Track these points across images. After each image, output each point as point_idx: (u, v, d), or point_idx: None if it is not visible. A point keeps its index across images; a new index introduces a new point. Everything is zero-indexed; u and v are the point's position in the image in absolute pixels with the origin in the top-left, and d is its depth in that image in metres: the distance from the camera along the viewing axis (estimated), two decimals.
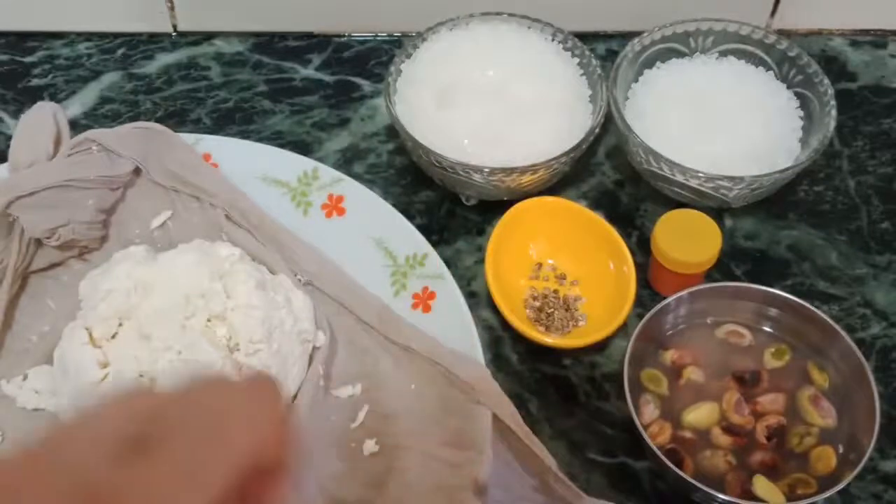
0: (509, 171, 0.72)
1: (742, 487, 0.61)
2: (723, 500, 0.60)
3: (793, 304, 0.67)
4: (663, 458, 0.60)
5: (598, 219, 0.73)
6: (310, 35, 0.91)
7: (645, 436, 0.61)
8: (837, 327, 0.65)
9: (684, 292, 0.67)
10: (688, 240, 0.70)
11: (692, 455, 0.63)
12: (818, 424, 0.64)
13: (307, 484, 0.61)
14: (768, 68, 0.81)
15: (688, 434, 0.64)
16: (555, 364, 0.71)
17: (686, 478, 0.60)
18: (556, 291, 0.73)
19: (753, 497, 0.61)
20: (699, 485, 0.59)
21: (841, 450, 0.63)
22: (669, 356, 0.67)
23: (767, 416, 0.64)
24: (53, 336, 0.67)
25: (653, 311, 0.66)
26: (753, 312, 0.68)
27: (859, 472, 0.60)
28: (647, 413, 0.64)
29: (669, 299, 0.66)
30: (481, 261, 0.74)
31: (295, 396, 0.66)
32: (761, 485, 0.61)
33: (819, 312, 0.66)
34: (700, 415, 0.64)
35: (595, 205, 0.79)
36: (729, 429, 0.63)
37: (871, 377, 0.63)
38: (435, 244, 0.72)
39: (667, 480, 0.64)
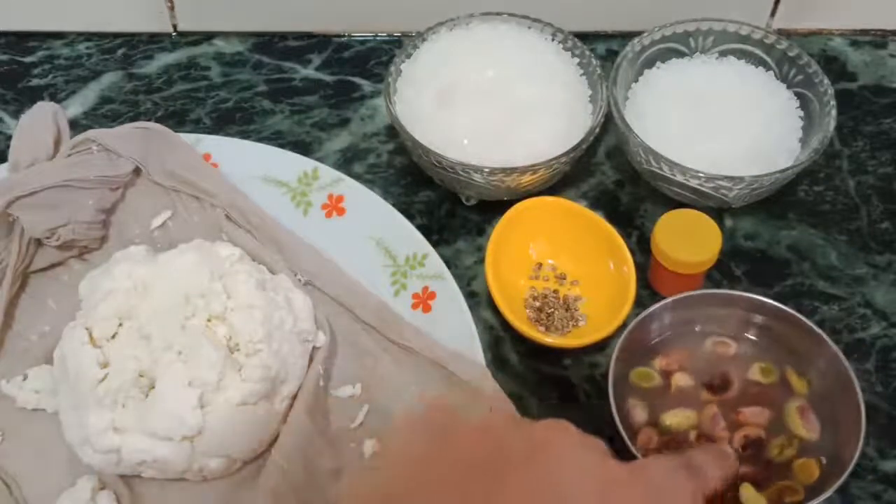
0: (509, 171, 0.72)
1: (724, 496, 0.60)
2: None
3: (781, 314, 0.65)
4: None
5: (598, 219, 0.73)
6: (310, 35, 0.91)
7: (625, 437, 0.61)
8: (824, 334, 0.64)
9: (668, 300, 0.66)
10: (688, 240, 0.70)
11: None
12: (801, 436, 0.63)
13: None
14: (768, 68, 0.81)
15: (669, 437, 0.63)
16: (555, 364, 0.71)
17: None
18: (556, 291, 0.73)
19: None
20: None
21: (824, 461, 0.62)
22: (658, 363, 0.66)
23: (747, 427, 0.63)
24: (53, 336, 0.67)
25: (635, 321, 0.65)
26: (740, 321, 0.67)
27: (854, 477, 0.59)
28: (636, 416, 0.64)
29: (654, 307, 0.65)
30: (481, 261, 0.74)
31: (295, 396, 0.66)
32: (748, 493, 0.60)
33: (805, 320, 0.65)
34: (678, 419, 0.64)
35: (595, 205, 0.79)
36: (705, 438, 0.63)
37: (857, 385, 0.61)
38: (435, 244, 0.72)
39: None
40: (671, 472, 0.47)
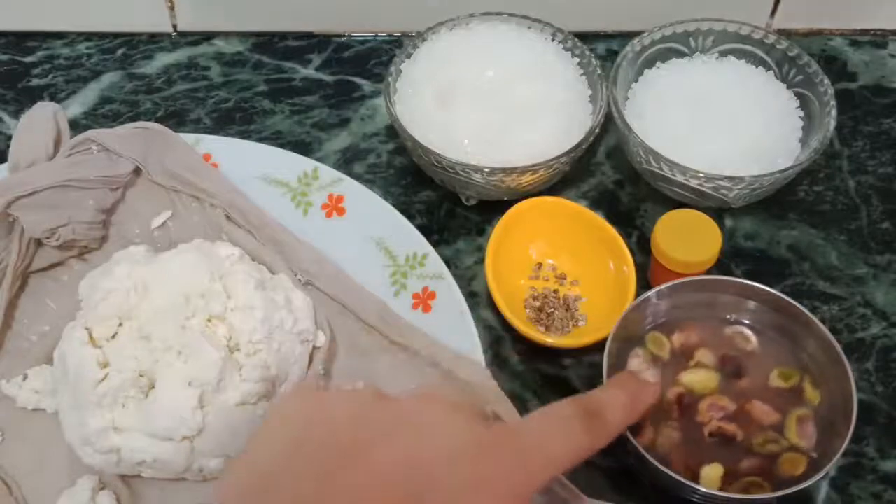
0: (509, 171, 0.72)
1: (686, 465, 0.61)
2: (660, 470, 0.59)
3: (785, 305, 0.66)
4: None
5: (598, 219, 0.73)
6: (310, 35, 0.91)
7: (605, 370, 0.62)
8: (818, 322, 0.64)
9: (664, 286, 0.66)
10: (688, 240, 0.70)
11: (655, 424, 0.62)
12: (793, 442, 0.62)
13: None
14: (768, 68, 0.81)
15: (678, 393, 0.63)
16: (555, 364, 0.71)
17: (640, 449, 0.60)
18: (556, 291, 0.73)
19: (697, 475, 0.60)
20: (647, 455, 0.59)
21: (812, 457, 0.61)
22: (676, 339, 0.66)
23: (728, 424, 0.63)
24: (53, 336, 0.67)
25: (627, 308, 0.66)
26: (753, 310, 0.67)
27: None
28: (635, 364, 0.64)
29: (649, 293, 0.66)
30: (481, 261, 0.74)
31: None
32: (710, 474, 0.60)
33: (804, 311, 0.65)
34: (695, 378, 0.64)
35: (595, 205, 0.79)
36: (683, 407, 0.63)
37: (849, 366, 0.62)
38: (435, 244, 0.72)
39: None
40: (556, 428, 0.45)
